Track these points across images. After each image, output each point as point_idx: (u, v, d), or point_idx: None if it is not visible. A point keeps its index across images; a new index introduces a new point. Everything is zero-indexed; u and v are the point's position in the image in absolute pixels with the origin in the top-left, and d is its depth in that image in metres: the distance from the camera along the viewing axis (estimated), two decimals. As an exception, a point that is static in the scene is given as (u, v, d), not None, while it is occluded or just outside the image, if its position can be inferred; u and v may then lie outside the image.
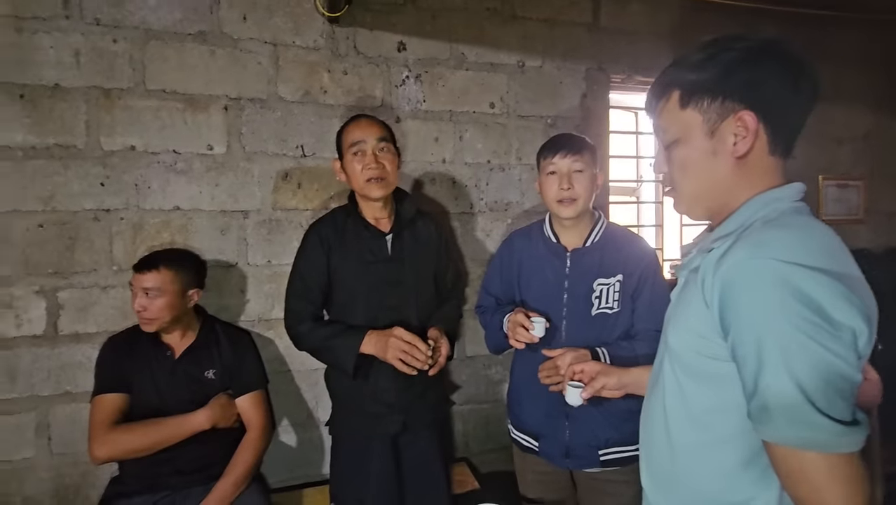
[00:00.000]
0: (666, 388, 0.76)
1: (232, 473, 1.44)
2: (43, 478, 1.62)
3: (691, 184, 0.76)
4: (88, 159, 1.62)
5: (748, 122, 0.70)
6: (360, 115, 1.48)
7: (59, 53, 1.58)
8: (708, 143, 0.73)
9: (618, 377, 1.09)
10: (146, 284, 1.41)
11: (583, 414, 1.29)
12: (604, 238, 1.37)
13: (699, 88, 0.72)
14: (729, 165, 0.72)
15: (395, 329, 1.34)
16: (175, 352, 1.49)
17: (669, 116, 0.76)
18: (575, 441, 1.32)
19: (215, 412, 1.44)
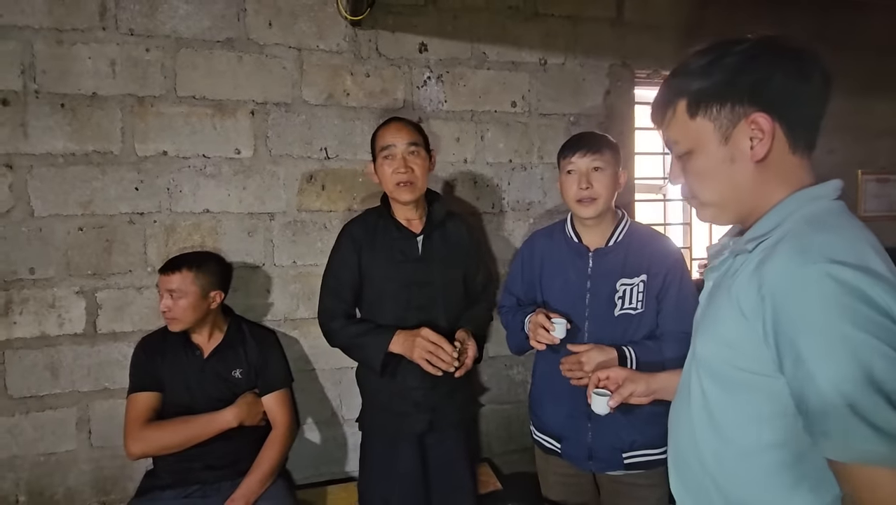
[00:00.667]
0: (693, 396, 0.74)
1: (258, 469, 1.47)
2: (84, 470, 1.69)
3: (712, 193, 0.74)
4: (124, 165, 1.69)
5: (762, 123, 0.67)
6: (393, 119, 1.49)
7: (96, 63, 1.65)
8: (723, 150, 0.71)
9: (646, 383, 1.06)
10: (170, 286, 1.46)
11: (605, 416, 1.28)
12: (627, 237, 1.34)
13: (706, 96, 0.70)
14: (749, 170, 0.70)
15: (421, 329, 1.36)
16: (204, 351, 1.54)
17: (679, 127, 0.74)
18: (598, 443, 1.31)
19: (242, 410, 1.48)
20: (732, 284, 0.68)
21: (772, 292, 0.62)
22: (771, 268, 0.63)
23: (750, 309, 0.64)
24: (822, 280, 0.57)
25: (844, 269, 0.57)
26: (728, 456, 0.70)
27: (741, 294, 0.66)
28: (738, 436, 0.69)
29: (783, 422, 0.65)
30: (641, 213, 2.27)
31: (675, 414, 0.80)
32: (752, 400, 0.66)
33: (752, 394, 0.66)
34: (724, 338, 0.68)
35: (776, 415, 0.65)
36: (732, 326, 0.66)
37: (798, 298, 0.59)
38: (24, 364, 1.65)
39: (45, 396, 1.67)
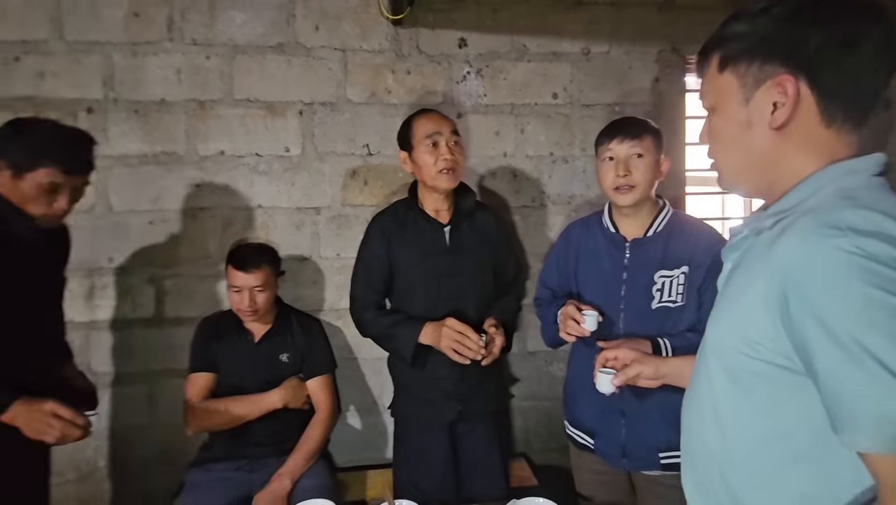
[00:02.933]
0: (702, 385, 0.70)
1: (303, 448, 1.56)
2: (153, 442, 1.87)
3: (727, 158, 0.69)
4: (187, 164, 1.84)
5: (787, 87, 0.61)
6: (429, 109, 1.52)
7: (164, 72, 1.81)
8: (742, 111, 0.66)
9: (655, 366, 1.03)
10: (254, 283, 1.53)
11: (640, 413, 1.23)
12: (668, 228, 1.29)
13: (738, 51, 0.65)
14: (767, 137, 0.64)
15: (447, 320, 1.38)
16: (255, 336, 1.64)
17: (708, 81, 0.70)
18: (632, 441, 1.27)
19: (287, 393, 1.57)
20: (748, 264, 0.64)
21: (784, 270, 0.56)
22: (785, 243, 0.57)
23: (761, 290, 0.59)
24: (847, 256, 0.51)
25: (874, 242, 0.51)
26: (735, 449, 0.66)
27: (753, 274, 0.61)
28: (745, 427, 0.64)
29: (794, 413, 0.60)
30: (694, 207, 2.15)
31: (687, 404, 0.76)
32: (761, 389, 0.62)
33: (762, 383, 0.61)
34: (734, 322, 0.63)
35: (786, 405, 0.60)
36: (743, 309, 0.62)
37: (816, 276, 0.53)
38: (105, 344, 1.84)
39: (121, 373, 1.86)
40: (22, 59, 1.75)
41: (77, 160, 1.24)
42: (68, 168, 1.21)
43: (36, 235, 1.22)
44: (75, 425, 1.16)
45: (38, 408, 1.13)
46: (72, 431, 1.15)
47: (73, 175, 1.22)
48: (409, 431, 1.53)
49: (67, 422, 1.15)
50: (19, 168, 1.17)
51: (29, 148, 1.17)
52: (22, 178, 1.17)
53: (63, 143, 1.21)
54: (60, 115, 1.77)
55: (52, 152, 1.18)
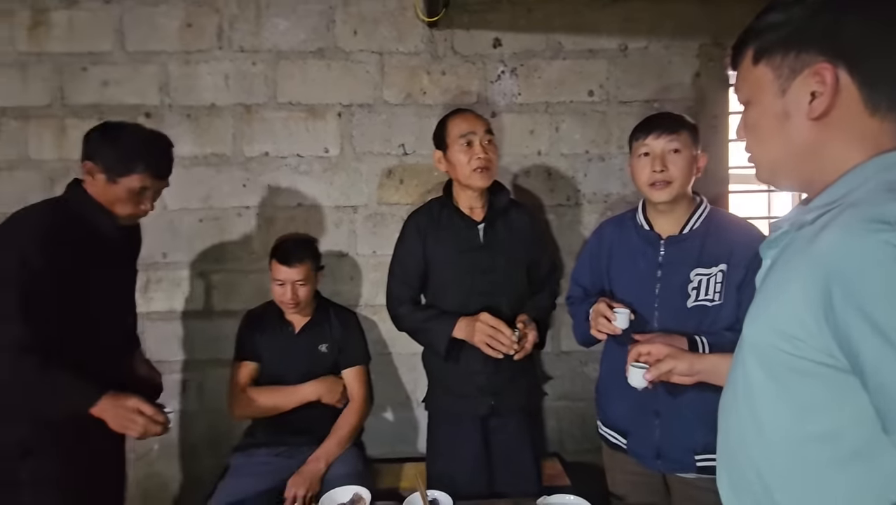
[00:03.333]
0: (739, 383, 0.68)
1: (336, 433, 1.62)
2: (200, 427, 1.98)
3: (765, 151, 0.68)
4: (234, 165, 1.95)
5: (825, 76, 0.59)
6: (463, 109, 1.54)
7: (214, 78, 1.92)
8: (779, 103, 0.64)
9: (689, 362, 1.00)
10: (296, 277, 1.59)
11: (675, 413, 1.21)
12: (705, 225, 1.25)
13: (772, 42, 0.64)
14: (806, 128, 0.62)
15: (481, 314, 1.41)
16: (295, 327, 1.72)
17: (743, 75, 0.69)
18: (666, 442, 1.24)
19: (321, 387, 1.64)
20: (787, 259, 0.62)
21: (827, 265, 0.54)
22: (828, 238, 0.56)
23: (802, 285, 0.57)
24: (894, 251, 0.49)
25: None
26: (773, 450, 0.63)
27: (792, 269, 0.59)
28: (784, 427, 0.62)
29: (840, 413, 0.57)
30: (739, 205, 2.07)
31: (724, 404, 0.74)
32: (801, 387, 0.60)
33: (803, 380, 0.59)
34: (773, 318, 0.61)
35: (831, 404, 0.58)
36: (783, 305, 0.60)
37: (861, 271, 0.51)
38: (158, 333, 1.97)
39: (173, 361, 1.98)
40: (89, 69, 1.90)
41: (165, 166, 1.33)
42: (158, 174, 1.30)
43: (117, 233, 1.32)
44: (156, 422, 1.22)
45: (124, 404, 1.20)
46: (153, 427, 1.21)
47: (160, 179, 1.32)
48: (441, 425, 1.56)
49: (149, 419, 1.21)
50: (113, 172, 1.25)
51: (124, 154, 1.25)
52: (116, 183, 1.25)
53: (153, 150, 1.30)
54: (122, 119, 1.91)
55: (144, 159, 1.26)
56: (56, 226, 1.22)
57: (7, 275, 1.14)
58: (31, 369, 1.14)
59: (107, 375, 1.24)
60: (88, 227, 1.27)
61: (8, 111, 1.90)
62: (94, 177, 1.27)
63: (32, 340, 1.14)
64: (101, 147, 1.26)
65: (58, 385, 1.17)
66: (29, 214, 1.24)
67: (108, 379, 1.23)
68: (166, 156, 1.34)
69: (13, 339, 1.13)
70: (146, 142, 1.30)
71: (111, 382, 1.23)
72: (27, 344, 1.13)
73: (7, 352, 1.13)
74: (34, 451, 1.21)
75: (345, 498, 1.27)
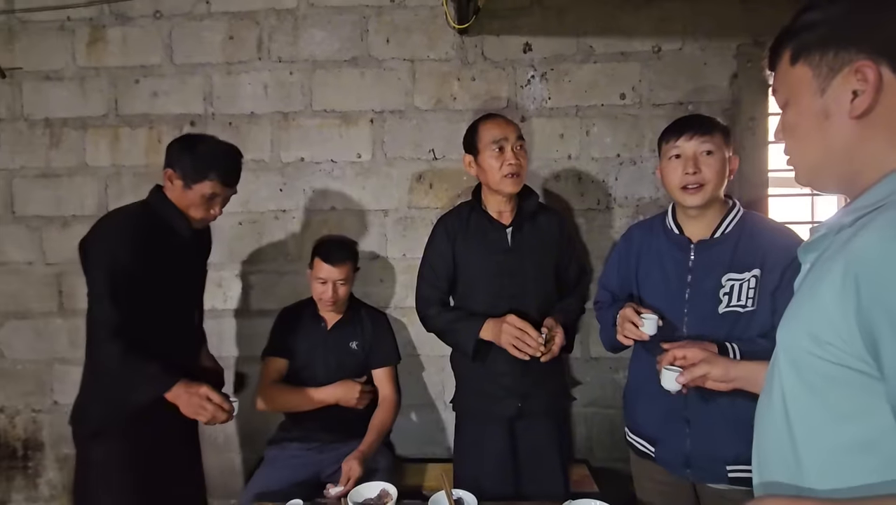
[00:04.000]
0: (775, 389, 0.67)
1: (374, 430, 1.66)
2: (237, 421, 2.06)
3: (804, 152, 0.67)
4: (271, 170, 2.03)
5: (867, 73, 0.59)
6: (495, 114, 1.55)
7: (254, 88, 2.01)
8: (818, 102, 0.63)
9: (724, 368, 0.99)
10: (338, 276, 1.65)
11: (706, 422, 1.18)
12: (738, 229, 1.22)
13: (810, 41, 0.63)
14: (847, 128, 0.61)
15: (508, 316, 1.42)
16: (328, 324, 1.77)
17: (781, 76, 0.68)
18: (696, 451, 1.21)
19: (339, 391, 1.67)
20: (823, 261, 0.61)
21: (859, 265, 0.54)
22: (862, 240, 0.55)
23: (834, 286, 0.57)
24: None
25: None
26: (808, 458, 0.62)
27: (826, 271, 0.58)
28: (819, 435, 0.61)
29: (872, 422, 0.56)
30: (779, 209, 2.00)
31: (760, 411, 0.73)
32: (835, 394, 0.59)
33: (837, 387, 0.58)
34: (806, 321, 0.61)
35: (867, 412, 0.56)
36: (816, 307, 0.59)
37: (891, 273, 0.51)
38: (200, 330, 2.07)
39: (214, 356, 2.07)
40: (140, 81, 2.02)
41: (233, 175, 1.44)
42: (227, 182, 1.41)
43: (191, 234, 1.44)
44: (223, 410, 1.30)
45: (196, 391, 1.29)
46: (220, 414, 1.29)
47: (229, 187, 1.43)
48: (468, 426, 1.57)
49: (217, 406, 1.29)
50: (189, 179, 1.37)
51: (199, 163, 1.37)
52: (190, 188, 1.38)
53: (223, 160, 1.41)
54: (169, 128, 2.03)
55: (216, 168, 1.38)
56: (139, 225, 1.36)
57: (99, 264, 1.30)
58: (117, 353, 1.28)
59: (175, 365, 1.34)
60: (166, 228, 1.41)
61: (69, 122, 2.05)
62: (172, 183, 1.40)
63: (120, 326, 1.27)
64: (179, 156, 1.39)
65: (139, 369, 1.29)
66: (118, 214, 1.41)
67: (177, 368, 1.33)
68: (235, 166, 1.45)
69: (105, 321, 1.28)
70: (218, 152, 1.42)
71: (180, 371, 1.33)
72: (116, 326, 1.27)
73: (102, 330, 1.28)
74: (103, 432, 1.34)
75: (372, 494, 1.30)
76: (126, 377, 1.30)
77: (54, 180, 2.06)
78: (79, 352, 2.07)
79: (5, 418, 2.13)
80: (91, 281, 1.31)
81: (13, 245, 2.09)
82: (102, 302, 1.28)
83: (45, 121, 2.05)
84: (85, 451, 1.38)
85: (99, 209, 2.05)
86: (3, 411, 2.13)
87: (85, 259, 1.33)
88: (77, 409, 1.42)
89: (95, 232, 1.35)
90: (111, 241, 1.31)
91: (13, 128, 2.06)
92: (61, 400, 2.11)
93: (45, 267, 2.08)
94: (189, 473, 1.55)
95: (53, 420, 2.12)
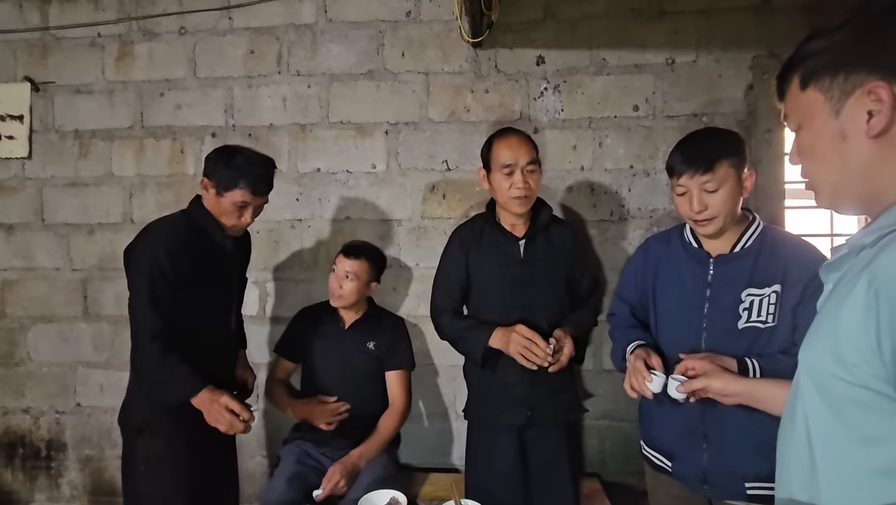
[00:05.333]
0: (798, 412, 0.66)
1: (377, 435, 1.69)
2: (257, 424, 2.09)
3: (824, 174, 0.67)
4: (289, 180, 2.08)
5: (881, 93, 0.59)
6: (511, 132, 1.53)
7: (273, 101, 2.07)
8: (834, 124, 0.64)
9: (725, 382, 1.00)
10: (347, 268, 1.71)
11: (725, 438, 1.17)
12: (758, 243, 1.21)
13: (819, 66, 0.64)
14: (866, 147, 0.62)
15: (517, 325, 1.44)
16: (346, 323, 1.80)
17: (791, 101, 0.69)
18: (714, 466, 1.20)
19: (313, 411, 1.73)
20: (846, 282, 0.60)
21: (881, 287, 0.53)
22: (884, 259, 0.55)
23: (858, 309, 0.56)
24: None
25: None
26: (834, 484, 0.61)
27: (848, 291, 0.58)
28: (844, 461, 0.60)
29: None
30: (797, 222, 1.97)
31: (783, 432, 0.71)
32: (862, 419, 0.58)
33: (863, 412, 0.57)
34: (829, 343, 0.60)
35: (887, 437, 0.56)
36: (839, 328, 0.59)
37: None
38: (217, 336, 2.12)
39: (229, 363, 2.11)
40: (165, 94, 2.10)
41: (264, 184, 1.49)
42: (256, 191, 1.46)
43: (228, 242, 1.51)
44: (241, 420, 1.33)
45: (217, 399, 1.33)
46: (236, 424, 1.33)
47: (258, 196, 1.48)
48: (479, 434, 1.58)
49: (234, 416, 1.33)
50: (221, 188, 1.44)
51: (231, 172, 1.43)
52: (222, 196, 1.44)
53: (253, 170, 1.46)
54: (191, 139, 2.10)
55: (245, 177, 1.44)
56: (178, 232, 1.43)
57: (141, 269, 1.36)
58: (155, 354, 1.34)
59: (208, 369, 1.39)
60: (204, 236, 1.47)
61: (97, 133, 2.13)
62: (207, 191, 1.47)
63: (159, 329, 1.34)
64: (215, 166, 1.46)
65: (173, 370, 1.34)
66: (161, 223, 1.47)
67: (210, 373, 1.38)
68: (265, 176, 1.50)
69: (145, 324, 1.34)
70: (249, 162, 1.47)
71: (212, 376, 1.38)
72: (155, 329, 1.34)
73: (142, 332, 1.35)
74: (146, 430, 1.41)
75: (382, 502, 1.31)
76: (162, 377, 1.35)
77: (82, 189, 2.14)
78: (102, 356, 2.16)
79: (30, 419, 2.20)
80: (133, 286, 1.39)
81: (42, 251, 2.17)
82: (143, 306, 1.35)
83: (75, 132, 2.14)
84: (131, 447, 1.45)
85: (123, 217, 2.13)
86: (28, 412, 2.20)
87: (128, 265, 1.41)
88: (124, 407, 1.49)
89: (139, 239, 1.42)
90: (152, 248, 1.37)
91: (45, 139, 2.15)
92: (84, 402, 2.17)
93: (71, 273, 2.16)
94: (227, 469, 1.61)
95: (76, 422, 2.18)
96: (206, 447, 1.43)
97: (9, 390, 2.20)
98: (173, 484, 1.41)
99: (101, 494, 2.18)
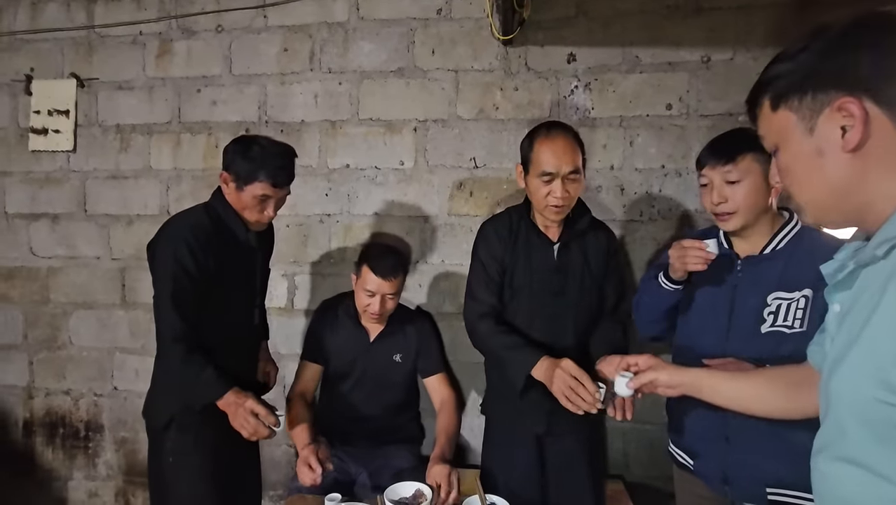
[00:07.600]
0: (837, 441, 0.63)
1: (442, 434, 1.68)
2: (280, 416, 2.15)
3: (806, 191, 0.67)
4: (318, 175, 2.11)
5: (851, 108, 0.60)
6: (557, 131, 1.40)
7: (305, 97, 2.11)
8: (809, 141, 0.64)
9: (670, 374, 1.01)
10: (388, 290, 1.63)
11: (747, 442, 1.15)
12: (792, 245, 1.18)
13: (787, 88, 0.65)
14: (844, 161, 0.62)
15: (563, 361, 1.28)
16: (370, 336, 1.79)
17: (765, 123, 0.70)
18: (735, 468, 1.19)
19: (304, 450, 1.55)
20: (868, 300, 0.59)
21: None
22: None
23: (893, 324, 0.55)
24: None
25: None
26: None
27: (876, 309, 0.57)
28: None
29: None
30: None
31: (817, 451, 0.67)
32: None
33: None
34: (865, 367, 0.58)
35: None
36: (875, 349, 0.57)
37: None
38: (247, 327, 2.17)
39: (258, 353, 2.17)
40: (202, 90, 2.16)
41: (283, 175, 1.43)
42: (277, 182, 1.41)
43: (251, 238, 1.49)
44: (264, 426, 1.30)
45: (242, 403, 1.30)
46: (262, 429, 1.30)
47: (279, 188, 1.43)
48: (497, 433, 1.58)
49: (259, 421, 1.29)
50: (241, 181, 1.39)
51: (250, 164, 1.38)
52: (243, 190, 1.40)
53: (273, 161, 1.40)
54: (226, 134, 2.15)
55: (265, 169, 1.38)
56: (201, 227, 1.40)
57: (165, 268, 1.34)
58: (179, 354, 1.33)
59: (232, 366, 1.39)
60: (226, 230, 1.45)
61: (137, 128, 2.21)
62: (228, 185, 1.43)
63: (182, 330, 1.33)
64: (234, 158, 1.41)
65: (197, 373, 1.33)
66: (181, 218, 1.46)
67: (234, 370, 1.39)
68: (285, 167, 1.44)
69: (168, 325, 1.33)
70: (267, 153, 1.41)
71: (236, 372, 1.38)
72: (178, 328, 1.33)
73: (167, 330, 1.34)
74: (174, 424, 1.41)
75: (407, 493, 1.33)
76: (186, 379, 1.35)
77: (122, 182, 2.23)
78: (138, 342, 2.24)
79: (70, 401, 2.31)
80: (156, 282, 1.37)
81: (83, 241, 2.26)
82: (167, 306, 1.33)
83: (117, 127, 2.22)
84: (157, 441, 1.45)
85: (160, 209, 2.20)
86: (68, 394, 2.31)
87: (151, 261, 1.40)
88: (148, 402, 1.50)
89: (160, 235, 1.41)
90: (175, 246, 1.35)
91: (89, 133, 2.24)
92: (120, 386, 2.26)
93: (110, 262, 2.25)
94: (250, 462, 1.62)
95: (113, 404, 2.27)
96: (231, 440, 1.42)
97: (51, 372, 2.31)
98: (201, 476, 1.41)
99: (134, 474, 2.26)
